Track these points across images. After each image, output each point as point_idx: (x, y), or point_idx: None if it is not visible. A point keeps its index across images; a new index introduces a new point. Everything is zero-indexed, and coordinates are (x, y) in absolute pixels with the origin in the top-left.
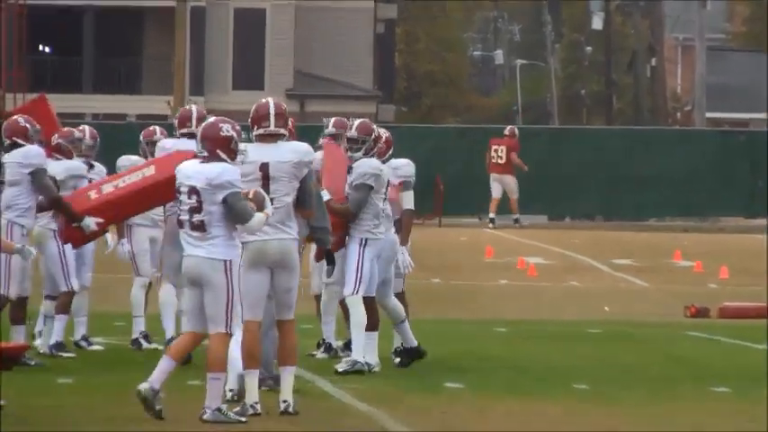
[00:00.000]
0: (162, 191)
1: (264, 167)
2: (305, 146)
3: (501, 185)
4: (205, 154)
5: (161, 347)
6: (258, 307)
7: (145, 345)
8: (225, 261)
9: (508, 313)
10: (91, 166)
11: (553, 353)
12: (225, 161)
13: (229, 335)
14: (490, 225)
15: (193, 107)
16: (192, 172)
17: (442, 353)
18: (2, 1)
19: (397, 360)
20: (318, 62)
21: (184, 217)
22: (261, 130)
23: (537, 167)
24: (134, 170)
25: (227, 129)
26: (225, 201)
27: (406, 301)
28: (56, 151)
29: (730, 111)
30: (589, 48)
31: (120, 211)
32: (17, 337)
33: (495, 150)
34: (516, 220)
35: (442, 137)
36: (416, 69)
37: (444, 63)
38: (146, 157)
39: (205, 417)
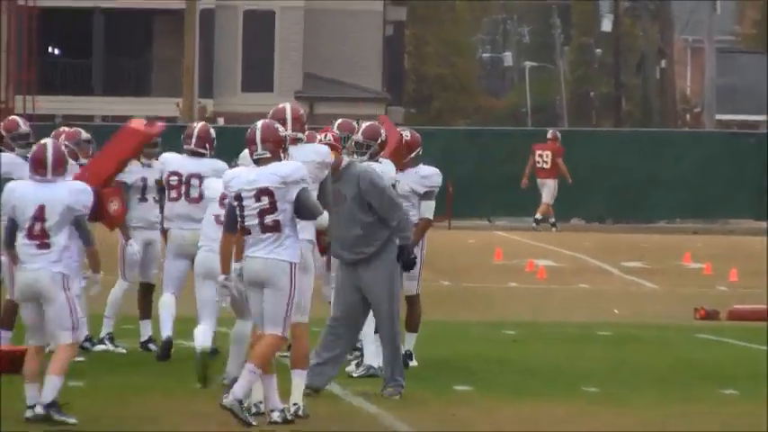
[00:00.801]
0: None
1: None
2: (325, 148)
3: (544, 189)
4: (268, 155)
5: (121, 350)
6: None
7: (108, 347)
8: (292, 264)
9: (518, 316)
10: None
11: (562, 355)
12: (281, 160)
13: (285, 338)
14: (534, 225)
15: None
16: (256, 175)
17: (451, 355)
18: (12, 3)
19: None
20: (327, 64)
21: (252, 222)
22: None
23: None
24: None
25: (282, 130)
26: (298, 197)
27: (419, 306)
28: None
29: (740, 113)
30: (598, 50)
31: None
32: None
33: (540, 155)
34: (553, 224)
35: (452, 139)
36: (425, 72)
37: (453, 66)
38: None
39: (225, 401)
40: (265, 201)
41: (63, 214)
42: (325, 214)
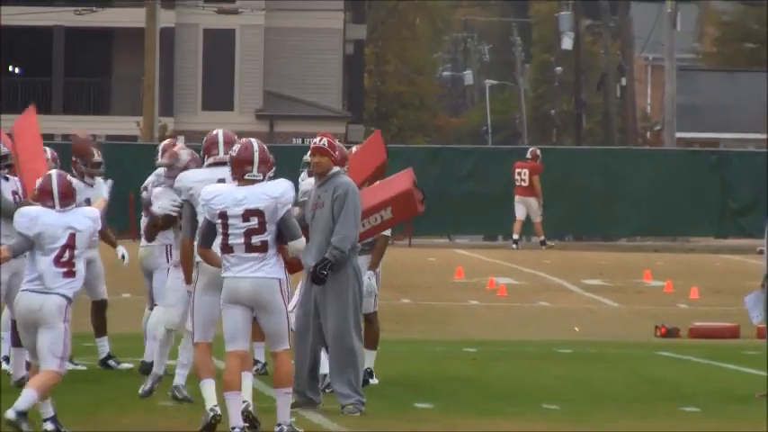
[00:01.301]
0: None
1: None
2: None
3: (525, 207)
4: (260, 178)
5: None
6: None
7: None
8: (280, 280)
9: (478, 333)
10: None
11: (523, 373)
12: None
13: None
14: (513, 246)
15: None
16: (246, 194)
17: (412, 373)
18: None
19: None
20: (288, 83)
21: (237, 240)
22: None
23: (508, 188)
24: None
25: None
26: (282, 218)
27: (377, 323)
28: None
29: (701, 131)
30: (559, 68)
31: None
32: None
33: (519, 173)
34: (543, 242)
35: (413, 157)
36: (386, 90)
37: (414, 84)
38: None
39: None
40: (254, 221)
41: (87, 242)
42: (302, 239)
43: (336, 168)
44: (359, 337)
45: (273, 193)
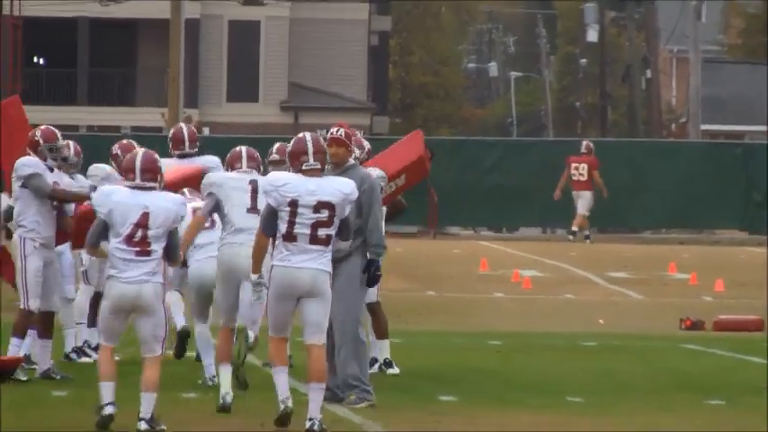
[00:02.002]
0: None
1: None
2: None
3: (580, 200)
4: (318, 166)
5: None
6: None
7: (92, 355)
8: (330, 274)
9: (502, 326)
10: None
11: (547, 365)
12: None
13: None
14: (570, 237)
15: (184, 127)
16: (316, 186)
17: (436, 365)
18: None
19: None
20: (312, 74)
21: (303, 231)
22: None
23: (532, 180)
24: None
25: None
26: (346, 216)
27: (382, 312)
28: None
29: (726, 123)
30: (584, 60)
31: None
32: (14, 349)
33: (576, 168)
34: (579, 234)
35: (437, 149)
36: (410, 81)
37: (438, 75)
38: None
39: (316, 428)
40: (325, 214)
41: (166, 224)
42: (350, 241)
43: (352, 161)
44: (361, 327)
45: (344, 189)
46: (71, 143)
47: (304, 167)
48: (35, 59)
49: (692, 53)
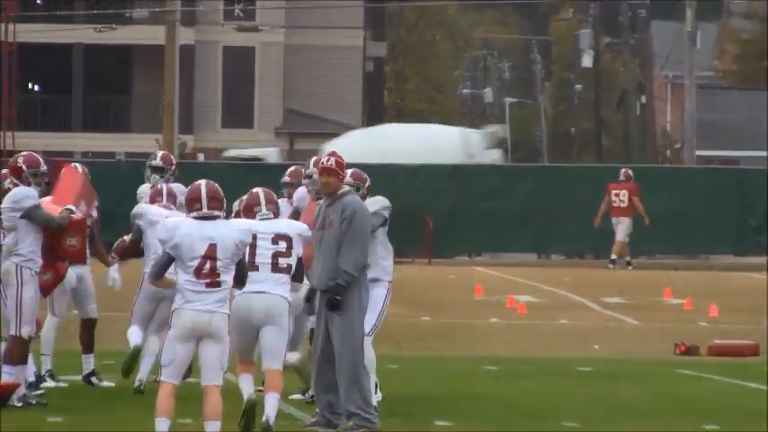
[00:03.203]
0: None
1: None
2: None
3: (619, 226)
4: (272, 216)
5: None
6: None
7: (50, 383)
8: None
9: (498, 351)
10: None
11: (543, 391)
12: None
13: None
14: (610, 266)
15: (164, 186)
16: (279, 225)
17: (432, 391)
18: None
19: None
20: (307, 100)
21: (264, 260)
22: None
23: (526, 205)
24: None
25: None
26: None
27: None
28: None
29: (721, 148)
30: (579, 85)
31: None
32: (17, 375)
33: (617, 194)
34: (628, 262)
35: (433, 175)
36: (406, 107)
37: (434, 102)
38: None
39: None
40: (283, 245)
41: (232, 252)
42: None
43: (346, 188)
44: (363, 353)
45: (297, 227)
46: (78, 165)
47: (259, 218)
48: (30, 86)
49: (686, 79)
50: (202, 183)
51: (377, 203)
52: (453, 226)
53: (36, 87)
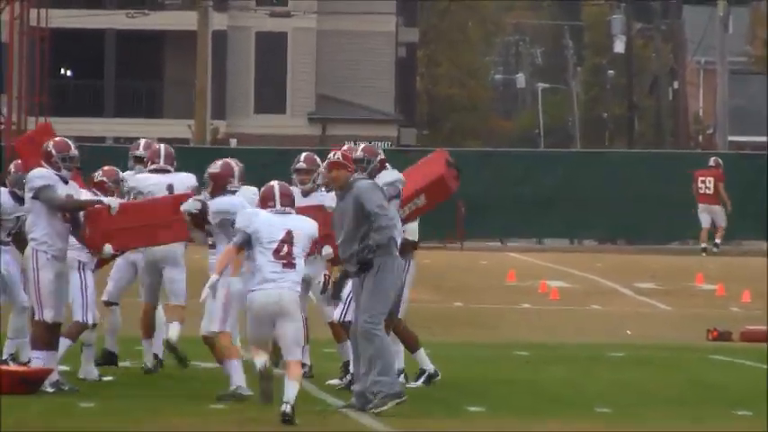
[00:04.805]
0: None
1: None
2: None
3: (709, 215)
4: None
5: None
6: None
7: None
8: None
9: (530, 337)
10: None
11: (575, 376)
12: None
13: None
14: (703, 254)
15: (161, 146)
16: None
17: (464, 376)
18: (25, 25)
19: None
20: (340, 86)
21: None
22: None
23: (559, 191)
24: (153, 203)
25: None
26: None
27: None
28: (99, 190)
29: (753, 134)
30: (611, 71)
31: (129, 241)
32: (46, 360)
33: (703, 181)
34: (716, 245)
35: (464, 160)
36: (438, 93)
37: (465, 87)
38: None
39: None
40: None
41: (305, 242)
42: None
43: (357, 176)
44: (384, 329)
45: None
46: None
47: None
48: (62, 71)
49: (719, 64)
50: (275, 183)
51: (392, 175)
52: (485, 211)
53: (68, 73)
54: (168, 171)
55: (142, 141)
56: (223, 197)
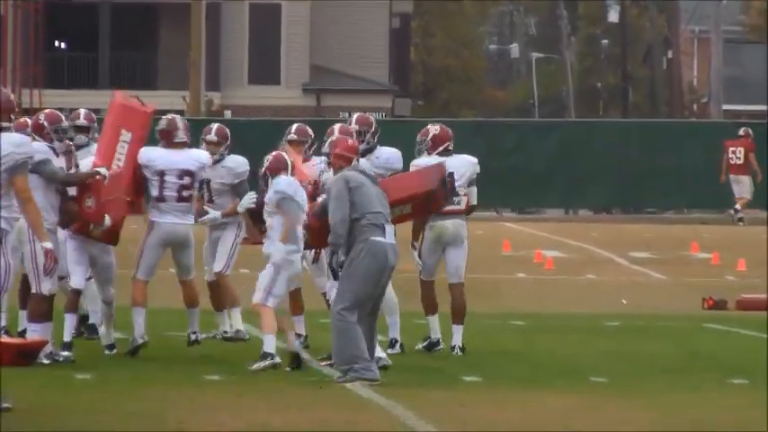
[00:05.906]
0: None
1: None
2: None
3: (737, 185)
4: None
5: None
6: None
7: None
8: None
9: (525, 307)
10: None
11: (570, 346)
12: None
13: None
14: (740, 224)
15: (177, 117)
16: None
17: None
18: None
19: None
20: (334, 56)
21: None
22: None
23: (554, 161)
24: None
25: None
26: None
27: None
28: (37, 134)
29: (747, 103)
30: (605, 41)
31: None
32: (42, 332)
33: (733, 151)
34: (740, 219)
35: (459, 130)
36: (432, 64)
37: (460, 58)
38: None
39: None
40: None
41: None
42: None
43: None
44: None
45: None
46: (82, 111)
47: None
48: (56, 43)
49: (713, 33)
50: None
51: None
52: (479, 182)
53: (62, 45)
54: (186, 144)
55: (82, 111)
56: (280, 177)
